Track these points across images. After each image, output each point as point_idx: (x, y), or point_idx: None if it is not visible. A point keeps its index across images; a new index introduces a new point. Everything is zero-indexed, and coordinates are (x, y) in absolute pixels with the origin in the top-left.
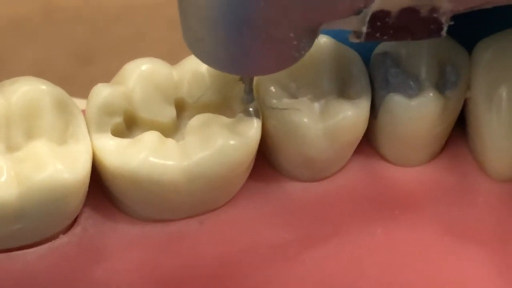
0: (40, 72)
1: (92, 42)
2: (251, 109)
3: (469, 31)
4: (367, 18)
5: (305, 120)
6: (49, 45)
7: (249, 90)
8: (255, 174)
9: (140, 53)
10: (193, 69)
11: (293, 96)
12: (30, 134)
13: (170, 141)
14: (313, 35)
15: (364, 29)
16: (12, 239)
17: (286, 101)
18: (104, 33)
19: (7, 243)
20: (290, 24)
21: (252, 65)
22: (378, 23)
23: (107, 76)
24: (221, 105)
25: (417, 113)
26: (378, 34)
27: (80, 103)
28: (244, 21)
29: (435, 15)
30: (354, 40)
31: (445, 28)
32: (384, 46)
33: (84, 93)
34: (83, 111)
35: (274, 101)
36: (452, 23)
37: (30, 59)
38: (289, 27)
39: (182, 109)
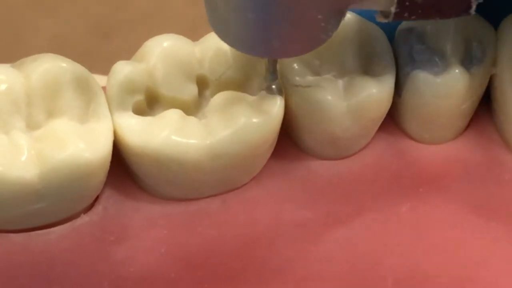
0: (59, 47)
1: (111, 16)
2: (274, 86)
3: (496, 7)
4: None
5: (329, 97)
6: (68, 20)
7: (273, 70)
8: (278, 152)
9: (160, 28)
10: (216, 46)
11: (317, 73)
12: (51, 112)
13: (192, 119)
14: (340, 16)
15: (393, 9)
16: (33, 218)
17: (310, 79)
18: (124, 7)
19: (29, 223)
20: (318, 6)
21: (279, 47)
22: (407, 3)
23: (127, 51)
24: (243, 83)
25: (443, 90)
26: (406, 14)
27: (100, 79)
28: (272, 3)
29: None
30: (382, 20)
31: (474, 6)
32: (409, 22)
33: (103, 68)
34: (104, 88)
35: (297, 78)
36: (481, 0)
37: (49, 34)
38: (316, 9)
39: (204, 86)
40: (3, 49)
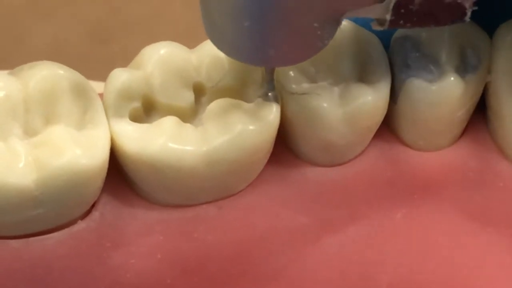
0: (57, 52)
1: (109, 21)
2: (270, 94)
3: (490, 15)
4: (391, 6)
5: (325, 105)
6: (66, 25)
7: (270, 79)
8: (274, 159)
9: (157, 33)
10: (212, 53)
11: (313, 80)
12: (48, 119)
13: (188, 126)
14: (336, 24)
15: (388, 17)
16: (30, 224)
17: (305, 86)
18: (121, 13)
19: (26, 229)
20: (314, 14)
21: (276, 56)
22: (402, 10)
23: (124, 56)
24: (240, 90)
25: (438, 98)
26: (401, 21)
27: (98, 86)
28: (268, 11)
29: (459, 1)
30: (377, 28)
31: (468, 14)
32: (404, 30)
33: (101, 73)
34: (101, 95)
35: (293, 85)
36: (475, 8)
37: (47, 38)
38: (313, 17)
39: (200, 93)
40: (2, 53)
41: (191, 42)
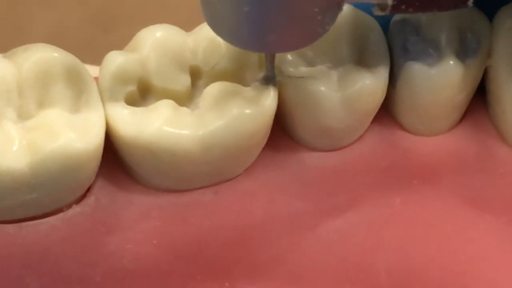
0: (58, 39)
1: (111, 8)
2: (270, 81)
3: None
4: None
5: (322, 88)
6: (67, 11)
7: (271, 67)
8: (271, 143)
9: (160, 20)
10: (209, 36)
11: (310, 64)
12: (42, 103)
13: (184, 110)
14: (338, 9)
15: (390, 2)
16: (24, 209)
17: (303, 69)
18: None
19: (20, 213)
20: None
21: (276, 42)
22: None
23: (126, 42)
24: (236, 73)
25: (437, 82)
26: (403, 6)
27: (94, 70)
28: None
29: None
30: (379, 13)
31: None
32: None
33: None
34: (96, 79)
35: (291, 69)
36: None
37: (48, 26)
38: (313, 2)
39: (197, 77)
40: (2, 40)
41: (193, 29)
